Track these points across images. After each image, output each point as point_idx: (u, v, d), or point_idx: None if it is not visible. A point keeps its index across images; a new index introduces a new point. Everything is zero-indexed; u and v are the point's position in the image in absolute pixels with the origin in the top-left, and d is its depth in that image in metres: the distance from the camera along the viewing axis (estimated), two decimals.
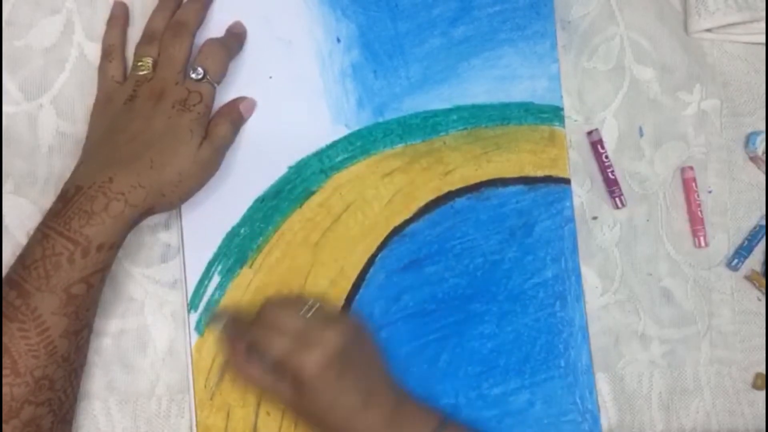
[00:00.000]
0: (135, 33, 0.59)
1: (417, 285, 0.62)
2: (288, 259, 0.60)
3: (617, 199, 0.66)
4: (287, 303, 0.56)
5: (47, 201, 0.53)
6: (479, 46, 0.64)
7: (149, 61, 0.56)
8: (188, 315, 0.58)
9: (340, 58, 0.62)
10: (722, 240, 0.69)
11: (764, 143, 0.69)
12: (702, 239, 0.68)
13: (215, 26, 0.59)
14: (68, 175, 0.53)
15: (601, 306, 0.65)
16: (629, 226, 0.67)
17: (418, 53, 0.63)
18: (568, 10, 0.67)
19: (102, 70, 0.58)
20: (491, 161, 0.64)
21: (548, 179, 0.64)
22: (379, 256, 0.61)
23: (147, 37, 0.57)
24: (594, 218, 0.66)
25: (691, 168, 0.68)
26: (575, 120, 0.66)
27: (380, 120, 0.62)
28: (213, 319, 0.58)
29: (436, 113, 0.63)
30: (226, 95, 0.59)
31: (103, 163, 0.52)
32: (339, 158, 0.61)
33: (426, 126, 0.63)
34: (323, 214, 0.61)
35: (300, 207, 0.60)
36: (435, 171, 0.63)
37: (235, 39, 0.59)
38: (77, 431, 0.56)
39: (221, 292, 0.58)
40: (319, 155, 0.61)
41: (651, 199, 0.67)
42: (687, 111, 0.69)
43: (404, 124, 0.63)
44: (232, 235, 0.59)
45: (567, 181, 0.64)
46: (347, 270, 0.61)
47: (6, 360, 0.47)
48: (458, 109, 0.63)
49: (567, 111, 0.66)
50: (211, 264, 0.59)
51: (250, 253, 0.59)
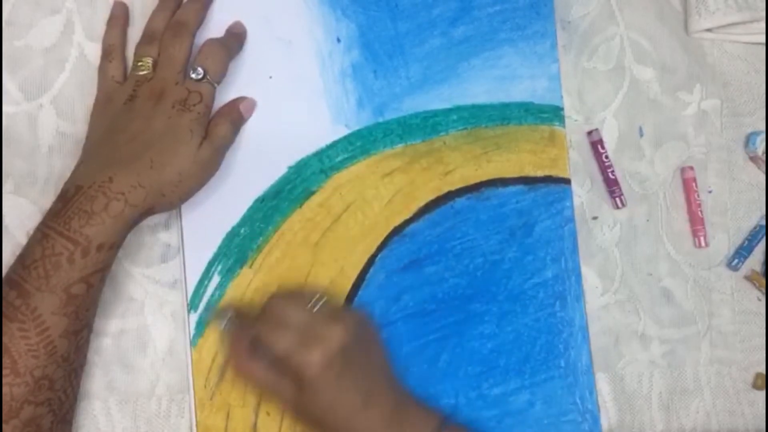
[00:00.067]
0: (135, 33, 0.59)
1: (417, 285, 0.62)
2: (288, 259, 0.60)
3: (617, 199, 0.66)
4: (293, 297, 0.56)
5: (47, 201, 0.53)
6: (479, 46, 0.64)
7: (149, 61, 0.56)
8: (188, 315, 0.58)
9: (340, 58, 0.62)
10: (722, 240, 0.69)
11: (764, 143, 0.69)
12: (702, 239, 0.68)
13: (215, 26, 0.59)
14: (68, 175, 0.53)
15: (601, 306, 0.65)
16: (629, 226, 0.67)
17: (418, 53, 0.63)
18: (568, 10, 0.67)
19: (102, 70, 0.58)
20: (491, 161, 0.64)
21: (548, 179, 0.64)
22: (379, 256, 0.61)
23: (147, 37, 0.57)
24: (594, 218, 0.66)
25: (691, 168, 0.68)
26: (575, 120, 0.66)
27: (380, 120, 0.62)
28: (216, 316, 0.58)
29: (436, 113, 0.63)
30: (226, 95, 0.59)
31: (103, 163, 0.52)
32: (339, 158, 0.61)
33: (426, 126, 0.63)
34: (323, 214, 0.61)
35: (300, 207, 0.60)
36: (435, 171, 0.63)
37: (235, 39, 0.59)
38: (77, 431, 0.56)
39: (221, 292, 0.58)
40: (319, 155, 0.61)
41: (651, 199, 0.67)
42: (687, 111, 0.69)
43: (404, 124, 0.63)
44: (232, 235, 0.59)
45: (567, 181, 0.64)
46: (347, 270, 0.61)
47: (6, 360, 0.47)
48: (458, 109, 0.63)
49: (567, 111, 0.66)
50: (211, 264, 0.59)
51: (250, 253, 0.59)
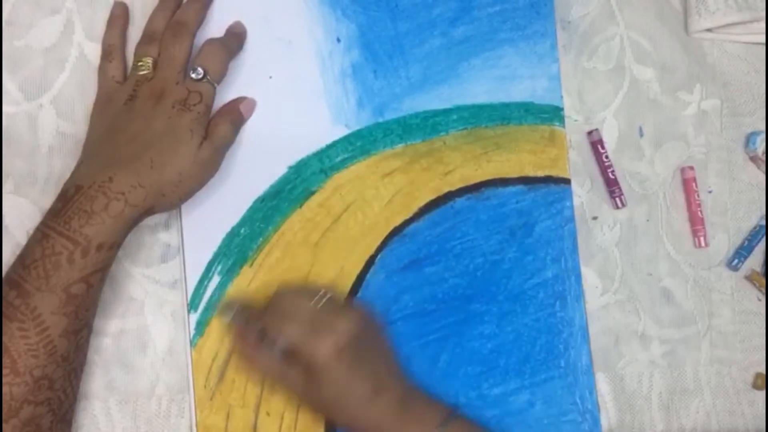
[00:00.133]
0: (135, 33, 0.59)
1: (417, 285, 0.62)
2: (288, 259, 0.60)
3: (617, 199, 0.66)
4: (299, 292, 0.56)
5: (47, 201, 0.53)
6: (479, 46, 0.64)
7: (149, 61, 0.56)
8: (188, 315, 0.58)
9: (340, 58, 0.62)
10: (722, 240, 0.69)
11: (764, 143, 0.69)
12: (702, 239, 0.67)
13: (215, 26, 0.59)
14: (68, 175, 0.53)
15: (601, 306, 0.65)
16: (629, 226, 0.67)
17: (418, 53, 0.63)
18: (568, 10, 0.67)
19: (102, 70, 0.58)
20: (491, 161, 0.64)
21: (548, 179, 0.64)
22: (379, 256, 0.61)
23: (147, 37, 0.57)
24: (594, 218, 0.66)
25: (691, 168, 0.68)
26: (575, 120, 0.66)
27: (380, 120, 0.62)
28: (223, 309, 0.58)
29: (436, 113, 0.63)
30: (226, 95, 0.59)
31: (103, 163, 0.52)
32: (339, 158, 0.61)
33: (426, 126, 0.63)
34: (323, 214, 0.61)
35: (300, 207, 0.60)
36: (435, 171, 0.63)
37: (235, 39, 0.59)
38: (77, 431, 0.56)
39: (221, 292, 0.58)
40: (319, 155, 0.61)
41: (651, 199, 0.67)
42: (687, 111, 0.69)
43: (404, 124, 0.63)
44: (232, 235, 0.59)
45: (567, 181, 0.64)
46: (347, 270, 0.61)
47: (5, 359, 0.47)
48: (458, 109, 0.63)
49: (567, 111, 0.66)
50: (211, 264, 0.59)
51: (250, 253, 0.59)
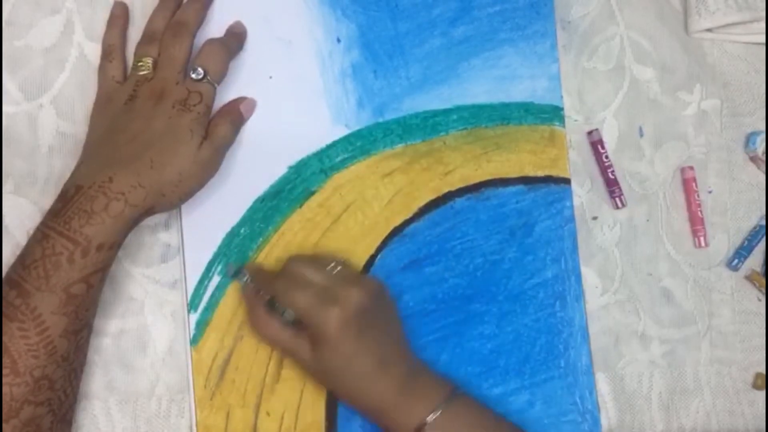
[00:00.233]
0: (135, 33, 0.59)
1: (417, 285, 0.62)
2: None
3: (617, 199, 0.66)
4: (312, 261, 0.56)
5: (47, 201, 0.53)
6: (479, 46, 0.64)
7: (149, 61, 0.56)
8: (188, 315, 0.58)
9: (340, 58, 0.62)
10: (722, 240, 0.69)
11: (764, 143, 0.69)
12: (702, 239, 0.67)
13: (215, 26, 0.59)
14: (68, 175, 0.53)
15: (601, 306, 0.65)
16: (629, 226, 0.67)
17: (418, 53, 0.63)
18: (568, 10, 0.67)
19: (102, 70, 0.58)
20: (491, 161, 0.64)
21: (548, 179, 0.64)
22: (379, 256, 0.61)
23: (147, 37, 0.57)
24: (594, 218, 0.66)
25: (691, 168, 0.68)
26: (575, 120, 0.66)
27: (380, 120, 0.62)
28: (236, 275, 0.58)
29: (436, 113, 0.63)
30: (226, 95, 0.59)
31: (104, 163, 0.52)
32: (339, 158, 0.61)
33: (426, 126, 0.63)
34: (323, 214, 0.61)
35: (300, 207, 0.60)
36: (435, 171, 0.63)
37: (235, 39, 0.59)
38: (77, 431, 0.56)
39: (221, 292, 0.58)
40: (319, 155, 0.61)
41: (651, 199, 0.67)
42: (687, 111, 0.69)
43: (404, 124, 0.63)
44: (232, 235, 0.59)
45: (567, 181, 0.64)
46: None
47: (6, 360, 0.47)
48: (458, 109, 0.63)
49: (567, 111, 0.66)
50: (211, 264, 0.59)
51: (250, 253, 0.59)
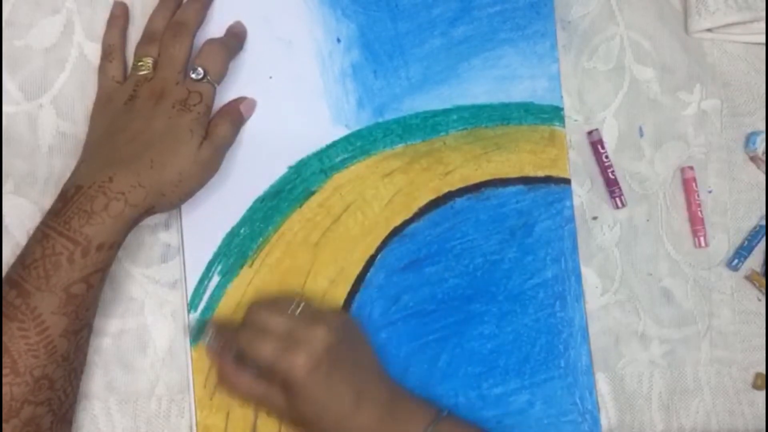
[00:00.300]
0: (135, 33, 0.59)
1: (417, 285, 0.62)
2: (288, 259, 0.60)
3: (617, 199, 0.66)
4: (273, 304, 0.56)
5: (47, 201, 0.53)
6: (479, 46, 0.64)
7: (149, 61, 0.56)
8: (188, 315, 0.58)
9: (340, 58, 0.62)
10: (722, 240, 0.69)
11: (764, 143, 0.69)
12: (702, 239, 0.67)
13: (215, 26, 0.59)
14: (68, 175, 0.53)
15: (601, 306, 0.65)
16: (629, 226, 0.67)
17: (418, 53, 0.63)
18: (568, 10, 0.67)
19: (102, 70, 0.58)
20: (491, 161, 0.64)
21: (548, 179, 0.64)
22: (379, 256, 0.61)
23: (147, 37, 0.57)
24: (594, 218, 0.66)
25: (691, 168, 0.68)
26: (575, 120, 0.66)
27: (380, 120, 0.62)
28: (201, 335, 0.57)
29: (436, 113, 0.63)
30: (226, 95, 0.59)
31: (104, 163, 0.52)
32: (339, 158, 0.61)
33: (426, 126, 0.63)
34: (323, 214, 0.61)
35: (300, 207, 0.60)
36: (435, 171, 0.63)
37: (235, 39, 0.59)
38: (77, 431, 0.56)
39: (221, 292, 0.58)
40: (319, 155, 0.61)
41: (651, 199, 0.67)
42: (687, 111, 0.69)
43: (404, 124, 0.63)
44: (232, 235, 0.59)
45: (567, 181, 0.64)
46: (347, 270, 0.61)
47: (6, 359, 0.47)
48: (458, 109, 0.63)
49: (567, 111, 0.66)
50: (211, 264, 0.59)
51: (250, 253, 0.59)
